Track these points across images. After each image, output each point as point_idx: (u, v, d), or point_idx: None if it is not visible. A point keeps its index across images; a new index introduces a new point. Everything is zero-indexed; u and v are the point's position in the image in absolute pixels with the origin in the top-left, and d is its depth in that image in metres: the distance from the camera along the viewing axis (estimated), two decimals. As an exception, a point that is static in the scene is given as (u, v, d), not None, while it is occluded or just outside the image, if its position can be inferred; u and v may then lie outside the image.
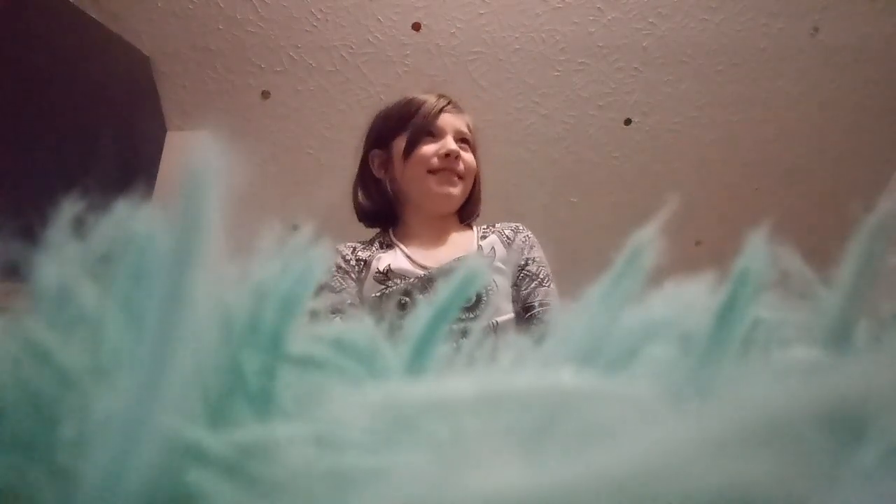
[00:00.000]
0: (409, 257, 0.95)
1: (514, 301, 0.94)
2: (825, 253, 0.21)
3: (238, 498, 0.14)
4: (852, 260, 0.19)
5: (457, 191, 0.98)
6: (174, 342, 0.13)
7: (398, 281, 0.91)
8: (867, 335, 0.20)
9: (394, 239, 1.00)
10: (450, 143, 0.96)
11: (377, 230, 1.05)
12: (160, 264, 0.14)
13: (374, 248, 0.98)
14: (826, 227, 1.78)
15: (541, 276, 0.97)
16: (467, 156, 0.99)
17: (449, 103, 1.00)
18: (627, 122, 1.87)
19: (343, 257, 0.96)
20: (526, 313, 0.94)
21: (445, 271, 0.92)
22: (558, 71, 1.78)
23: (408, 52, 1.73)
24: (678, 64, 1.78)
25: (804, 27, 1.72)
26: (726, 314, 0.19)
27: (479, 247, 0.98)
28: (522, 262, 0.98)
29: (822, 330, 0.19)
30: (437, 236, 0.99)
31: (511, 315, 0.92)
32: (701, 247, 1.99)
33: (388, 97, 1.79)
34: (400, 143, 0.98)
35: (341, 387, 0.18)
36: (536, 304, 0.94)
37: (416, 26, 1.69)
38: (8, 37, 1.29)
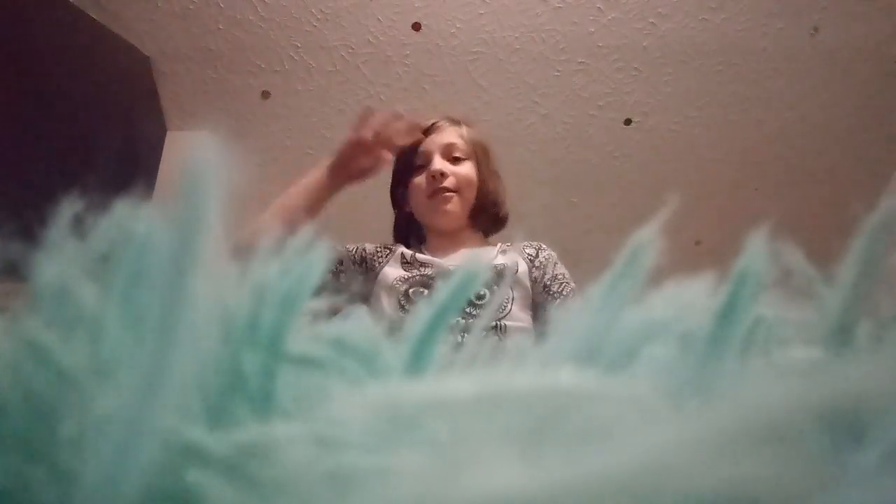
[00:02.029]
0: (431, 256, 1.00)
1: (539, 320, 0.96)
2: (825, 253, 0.21)
3: (238, 498, 0.14)
4: (853, 259, 0.19)
5: (453, 206, 1.00)
6: (174, 342, 0.13)
7: (422, 269, 0.95)
8: (868, 335, 0.20)
9: (421, 246, 1.07)
10: (434, 164, 1.00)
11: None
12: (160, 264, 0.14)
13: (399, 245, 1.04)
14: (826, 227, 1.78)
15: (564, 292, 0.98)
16: (460, 169, 1.02)
17: (434, 123, 1.04)
18: (627, 122, 1.87)
19: (365, 245, 1.03)
20: None
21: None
22: (558, 71, 1.78)
23: (408, 52, 1.73)
24: (678, 64, 1.78)
25: (804, 27, 1.72)
26: (726, 314, 0.19)
27: (504, 262, 0.99)
28: (547, 282, 0.99)
29: (822, 329, 0.19)
30: (457, 250, 1.03)
31: (524, 324, 0.92)
32: (701, 247, 1.99)
33: (388, 97, 1.79)
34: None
35: (341, 387, 0.18)
36: None
37: (416, 26, 1.69)
38: (8, 37, 1.29)
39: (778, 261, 0.20)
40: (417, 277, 0.94)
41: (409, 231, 1.11)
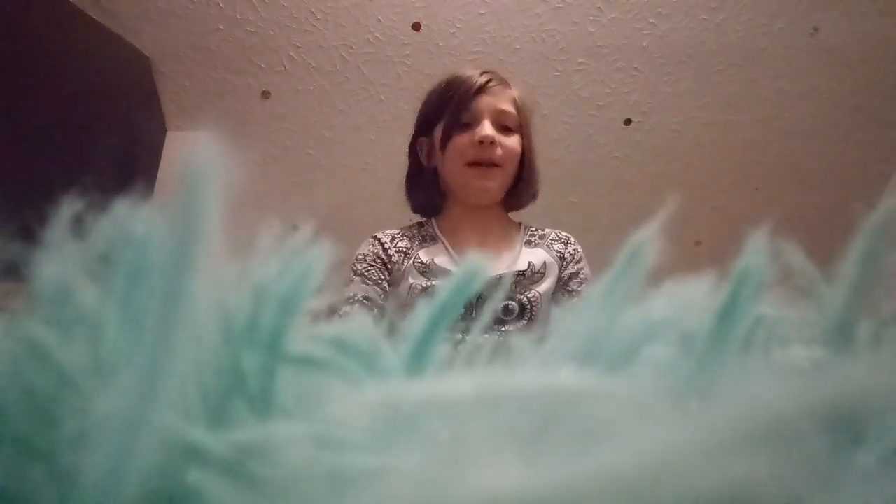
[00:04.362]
0: (451, 256, 0.92)
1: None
2: (825, 253, 0.21)
3: (238, 498, 0.14)
4: (854, 259, 0.19)
5: (494, 183, 0.92)
6: (173, 342, 0.13)
7: (442, 278, 0.90)
8: (868, 334, 0.20)
9: (437, 231, 0.96)
10: (484, 129, 0.89)
11: (418, 218, 1.03)
12: (159, 264, 0.14)
13: (415, 241, 0.95)
14: (826, 227, 1.78)
15: (582, 292, 0.93)
16: (508, 140, 0.91)
17: (489, 81, 0.92)
18: (627, 122, 1.87)
19: (382, 246, 0.94)
20: None
21: (488, 286, 0.83)
22: (558, 71, 1.78)
23: (408, 52, 1.73)
24: (678, 64, 1.78)
25: (804, 27, 1.72)
26: (726, 314, 0.18)
27: (530, 263, 0.92)
28: (565, 277, 0.94)
29: (823, 329, 0.19)
30: (481, 234, 0.95)
31: None
32: (701, 247, 1.99)
33: (388, 97, 1.79)
34: (440, 131, 0.93)
35: (341, 387, 0.18)
36: None
37: (416, 26, 1.69)
38: (8, 37, 1.29)
39: (778, 260, 0.20)
40: (434, 288, 0.90)
41: (430, 190, 0.98)
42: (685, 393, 0.18)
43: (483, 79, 0.92)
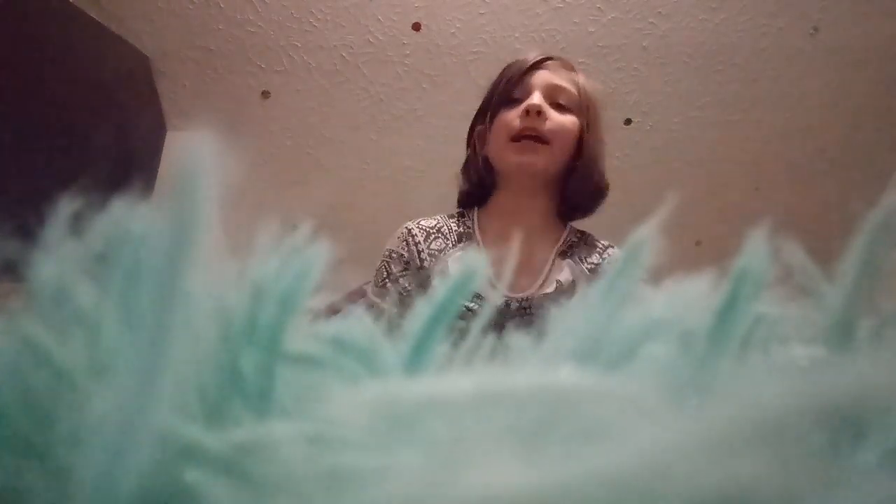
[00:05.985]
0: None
1: None
2: (825, 253, 0.21)
3: (236, 497, 0.14)
4: (855, 257, 0.19)
5: (539, 159, 0.81)
6: (171, 341, 0.13)
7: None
8: (869, 333, 0.19)
9: (475, 228, 0.89)
10: (533, 99, 0.81)
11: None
12: (157, 263, 0.14)
13: (451, 240, 0.88)
14: (825, 227, 1.78)
15: None
16: (561, 117, 0.82)
17: (547, 59, 0.85)
18: (627, 122, 1.87)
19: (416, 246, 0.87)
20: None
21: (516, 305, 0.79)
22: (558, 71, 1.78)
23: (408, 52, 1.73)
24: (678, 64, 1.78)
25: (804, 27, 1.72)
26: (726, 313, 0.18)
27: (558, 283, 0.83)
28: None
29: (823, 327, 0.19)
30: (520, 232, 0.88)
31: None
32: (701, 247, 1.99)
33: (388, 97, 1.79)
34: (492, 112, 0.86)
35: (340, 386, 0.18)
36: None
37: (416, 26, 1.69)
38: (8, 37, 1.29)
39: (778, 258, 0.20)
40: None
41: (480, 178, 0.90)
42: (685, 392, 0.17)
43: (540, 57, 0.86)
